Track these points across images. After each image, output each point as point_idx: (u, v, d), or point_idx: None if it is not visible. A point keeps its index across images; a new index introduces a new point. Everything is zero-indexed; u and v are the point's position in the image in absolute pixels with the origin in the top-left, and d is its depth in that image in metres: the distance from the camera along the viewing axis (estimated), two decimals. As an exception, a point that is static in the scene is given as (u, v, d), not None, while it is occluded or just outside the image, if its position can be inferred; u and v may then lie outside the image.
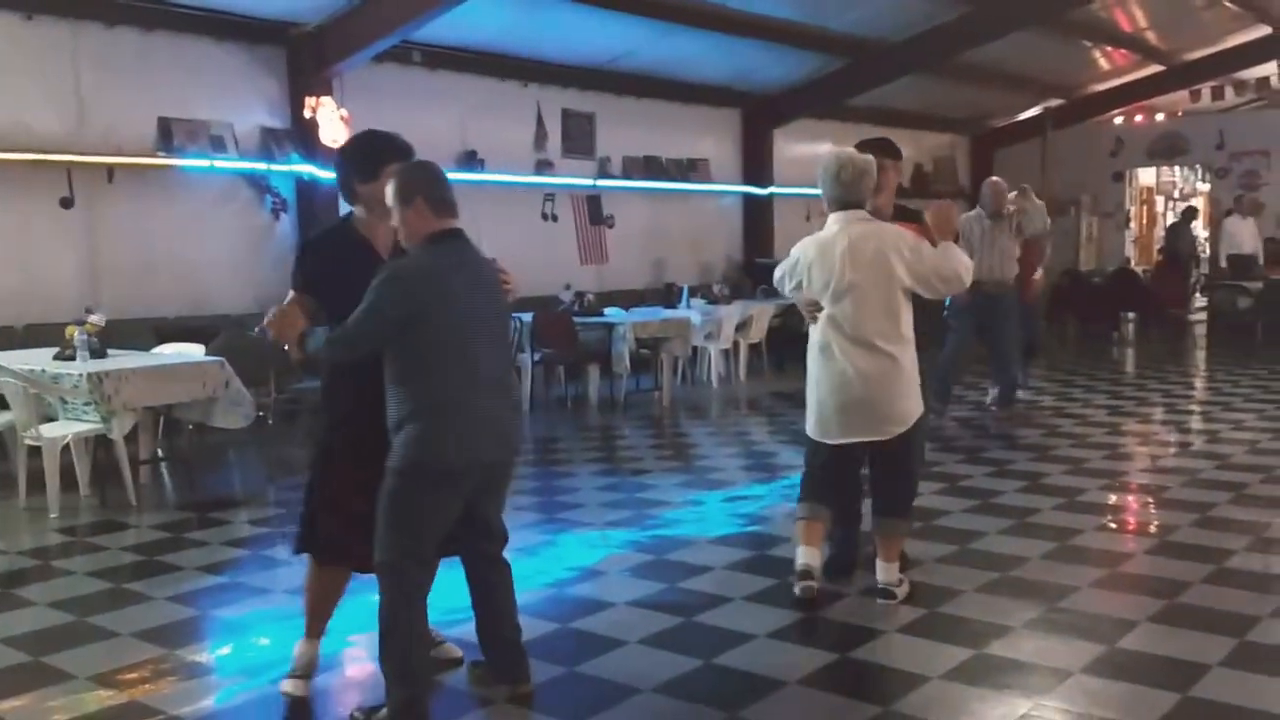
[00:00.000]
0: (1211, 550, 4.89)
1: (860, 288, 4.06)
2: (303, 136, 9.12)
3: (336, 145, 8.86)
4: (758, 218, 13.88)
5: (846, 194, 4.11)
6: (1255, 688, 3.46)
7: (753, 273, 13.49)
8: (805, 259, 4.18)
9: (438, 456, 3.16)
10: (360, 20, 8.89)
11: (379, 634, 3.24)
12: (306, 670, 3.53)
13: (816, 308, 4.15)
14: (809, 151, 14.67)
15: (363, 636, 3.86)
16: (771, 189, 13.83)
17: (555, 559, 5.05)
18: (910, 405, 4.14)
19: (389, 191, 3.25)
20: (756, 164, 13.81)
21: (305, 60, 9.11)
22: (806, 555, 4.28)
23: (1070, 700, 3.38)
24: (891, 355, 4.08)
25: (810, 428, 4.27)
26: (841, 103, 13.94)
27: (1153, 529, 5.50)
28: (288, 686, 3.49)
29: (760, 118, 13.73)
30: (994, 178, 8.76)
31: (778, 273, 4.38)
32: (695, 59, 11.94)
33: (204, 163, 8.60)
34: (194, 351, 6.97)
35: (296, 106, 9.10)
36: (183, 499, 6.47)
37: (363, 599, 3.66)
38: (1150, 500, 6.10)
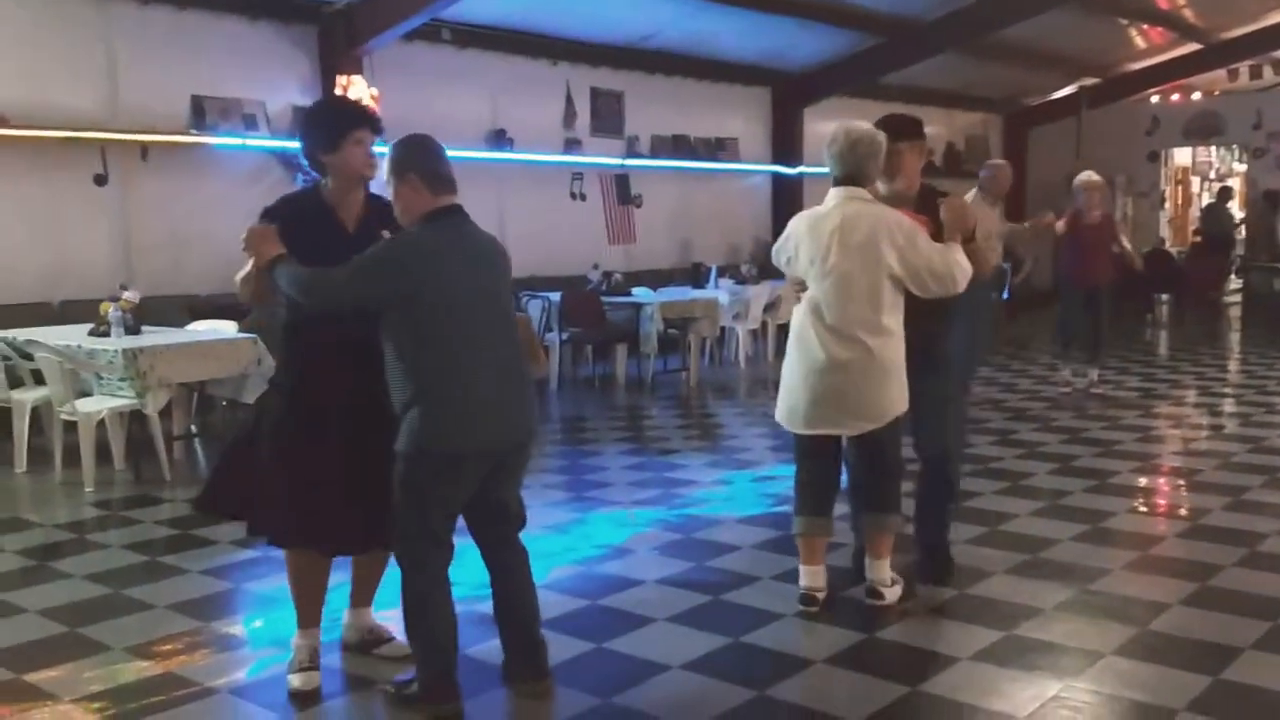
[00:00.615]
0: (1244, 534, 4.85)
1: (846, 272, 3.75)
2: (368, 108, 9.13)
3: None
4: (786, 198, 13.78)
5: (845, 169, 3.82)
6: (1286, 671, 3.43)
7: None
8: (796, 235, 3.92)
9: (441, 441, 3.08)
10: (390, -1, 8.90)
11: (403, 613, 3.24)
12: (311, 660, 3.44)
13: (801, 287, 3.92)
14: (839, 131, 14.57)
15: (395, 611, 3.88)
16: (801, 169, 13.74)
17: (583, 537, 5.07)
18: (885, 402, 3.84)
19: (384, 166, 3.20)
20: (786, 143, 13.72)
21: (336, 38, 9.12)
22: (808, 576, 4.01)
23: (1101, 682, 3.36)
24: (870, 347, 3.76)
25: (779, 414, 3.99)
26: (873, 81, 13.80)
27: (1185, 512, 5.45)
28: (296, 682, 3.38)
29: (790, 96, 13.64)
30: (999, 161, 8.54)
31: (775, 248, 4.14)
32: (725, 37, 11.86)
33: (236, 140, 8.65)
34: (227, 329, 7.04)
35: (328, 85, 9.11)
36: (216, 474, 6.53)
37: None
38: (1183, 483, 6.04)
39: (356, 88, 8.94)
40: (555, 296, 9.46)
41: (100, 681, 3.51)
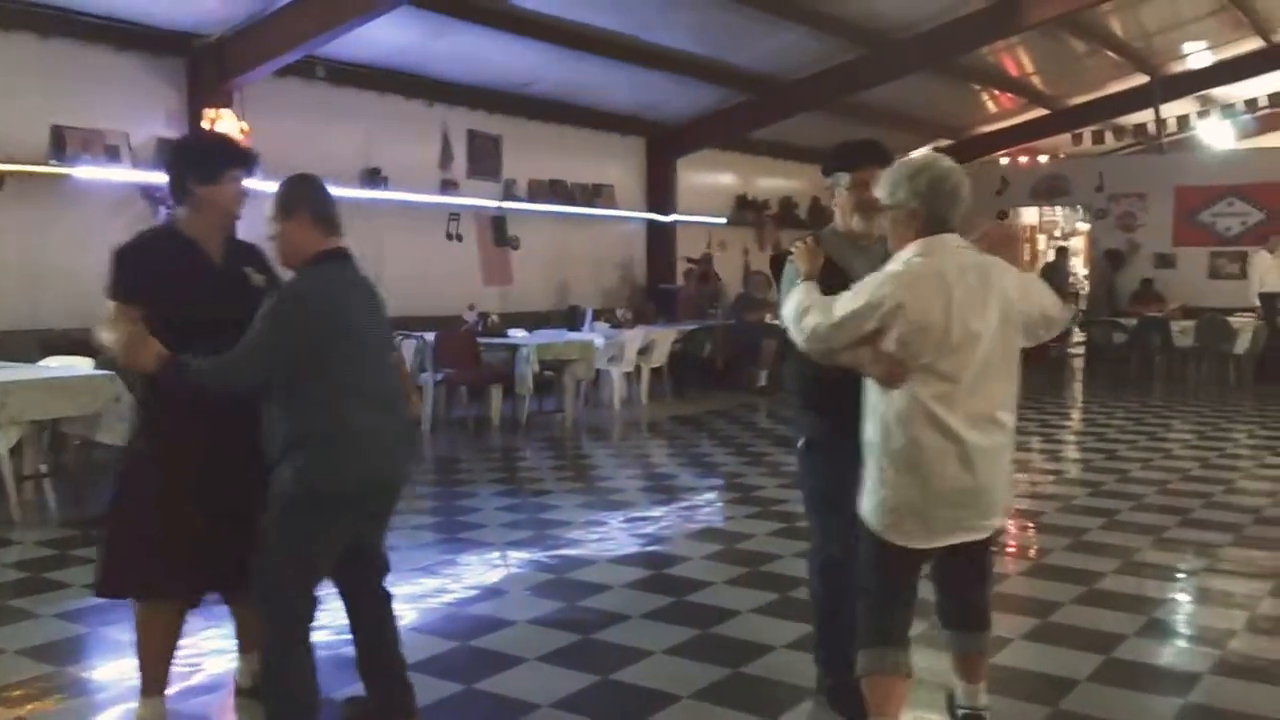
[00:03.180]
0: (1083, 572, 5.18)
1: (982, 340, 2.98)
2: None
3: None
4: (661, 244, 14.11)
5: (948, 210, 3.03)
6: (1120, 701, 3.69)
7: (655, 298, 13.72)
8: (898, 299, 2.94)
9: (331, 481, 3.03)
10: (263, 33, 8.82)
11: (263, 669, 3.13)
12: None
13: (904, 368, 2.97)
14: (711, 181, 15.01)
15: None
16: (674, 216, 14.08)
17: (455, 578, 5.08)
18: (1012, 491, 3.27)
19: (267, 204, 3.12)
20: (660, 192, 14.05)
21: (206, 72, 8.97)
22: None
23: (945, 713, 3.55)
24: (1008, 427, 3.10)
25: (895, 529, 3.04)
26: (743, 135, 14.29)
27: (1029, 552, 5.78)
28: None
29: (664, 147, 14.00)
30: None
31: (817, 318, 3.06)
32: (603, 87, 12.13)
33: (97, 172, 8.39)
34: (82, 365, 6.80)
35: (195, 118, 8.95)
36: (68, 515, 6.28)
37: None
38: (1028, 525, 6.41)
39: (225, 122, 8.81)
40: (430, 336, 9.44)
41: (-58, 732, 3.36)
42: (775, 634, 4.28)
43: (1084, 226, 19.56)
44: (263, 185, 3.39)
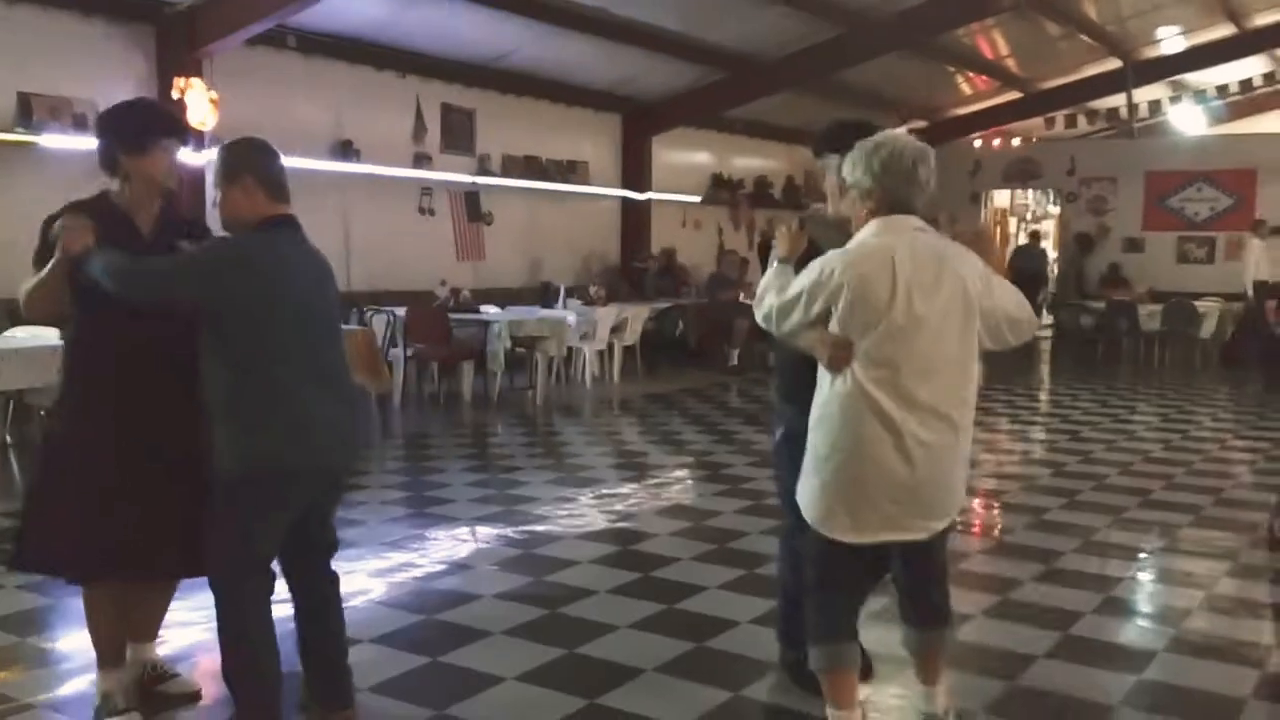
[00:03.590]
0: (1043, 551, 5.26)
1: (929, 326, 2.83)
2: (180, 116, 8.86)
3: (205, 127, 8.71)
4: (635, 222, 14.10)
5: (904, 190, 2.89)
6: (1076, 676, 3.75)
7: (629, 275, 13.72)
8: (843, 278, 2.83)
9: (270, 458, 2.92)
10: (234, 2, 8.72)
11: (221, 647, 3.05)
12: (128, 701, 3.24)
13: (848, 350, 2.85)
14: (686, 159, 14.99)
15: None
16: (649, 194, 14.06)
17: (423, 553, 5.09)
18: (961, 491, 3.05)
19: (215, 168, 3.03)
20: (635, 169, 14.02)
21: (175, 40, 8.87)
22: None
23: (906, 686, 3.61)
24: (958, 426, 2.92)
25: (827, 522, 2.95)
26: (719, 114, 14.27)
27: (992, 531, 5.86)
28: None
29: (640, 124, 13.96)
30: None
31: (772, 299, 3.01)
32: (578, 62, 12.07)
33: (64, 140, 8.28)
34: (48, 335, 6.71)
35: (165, 87, 8.83)
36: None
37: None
38: (992, 504, 6.49)
39: (195, 91, 8.71)
40: (401, 311, 9.40)
41: (-98, 702, 3.34)
42: (740, 609, 4.32)
43: (1055, 210, 19.71)
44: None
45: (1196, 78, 16.75)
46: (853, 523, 2.92)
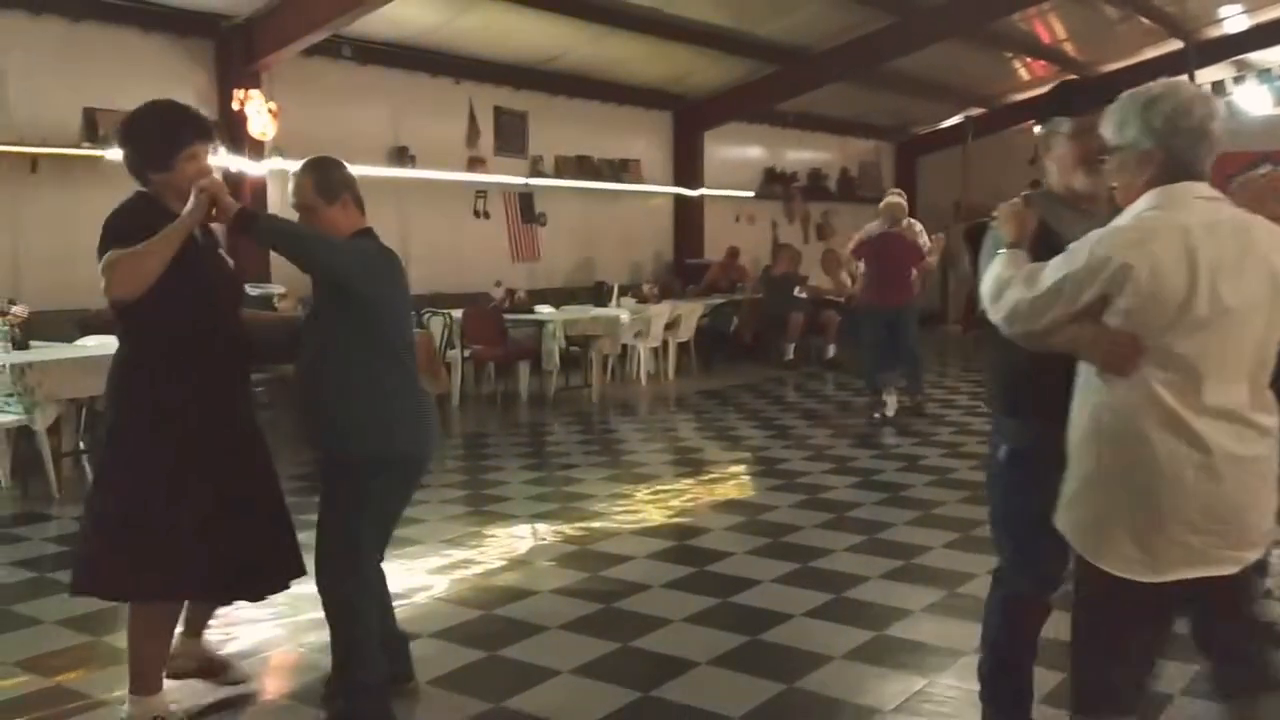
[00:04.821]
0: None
1: (1236, 317, 2.30)
2: (231, 129, 9.08)
3: (265, 137, 8.92)
4: (688, 219, 14.11)
5: (1195, 150, 2.35)
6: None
7: (683, 272, 13.74)
8: (1127, 261, 2.28)
9: (409, 440, 3.16)
10: (290, 13, 8.90)
11: (337, 657, 3.18)
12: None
13: (1135, 349, 2.31)
14: (739, 154, 14.97)
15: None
16: (702, 190, 14.07)
17: (481, 549, 5.17)
18: (1274, 515, 2.46)
19: (304, 189, 3.12)
20: (687, 165, 14.03)
21: (234, 52, 9.08)
22: None
23: (961, 678, 3.59)
24: (1270, 431, 2.39)
25: (1109, 555, 2.37)
26: (770, 107, 14.22)
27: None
28: None
29: (691, 120, 13.96)
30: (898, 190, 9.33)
31: (1020, 292, 2.43)
32: (628, 61, 12.11)
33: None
34: (107, 343, 6.93)
35: (225, 99, 9.06)
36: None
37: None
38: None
39: (254, 102, 8.92)
40: (457, 313, 9.53)
41: (-13, 697, 3.49)
42: (794, 603, 4.34)
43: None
44: (290, 166, 3.40)
45: (1261, 56, 16.28)
46: (1144, 556, 2.32)
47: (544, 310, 10.19)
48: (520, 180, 11.93)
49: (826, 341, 12.36)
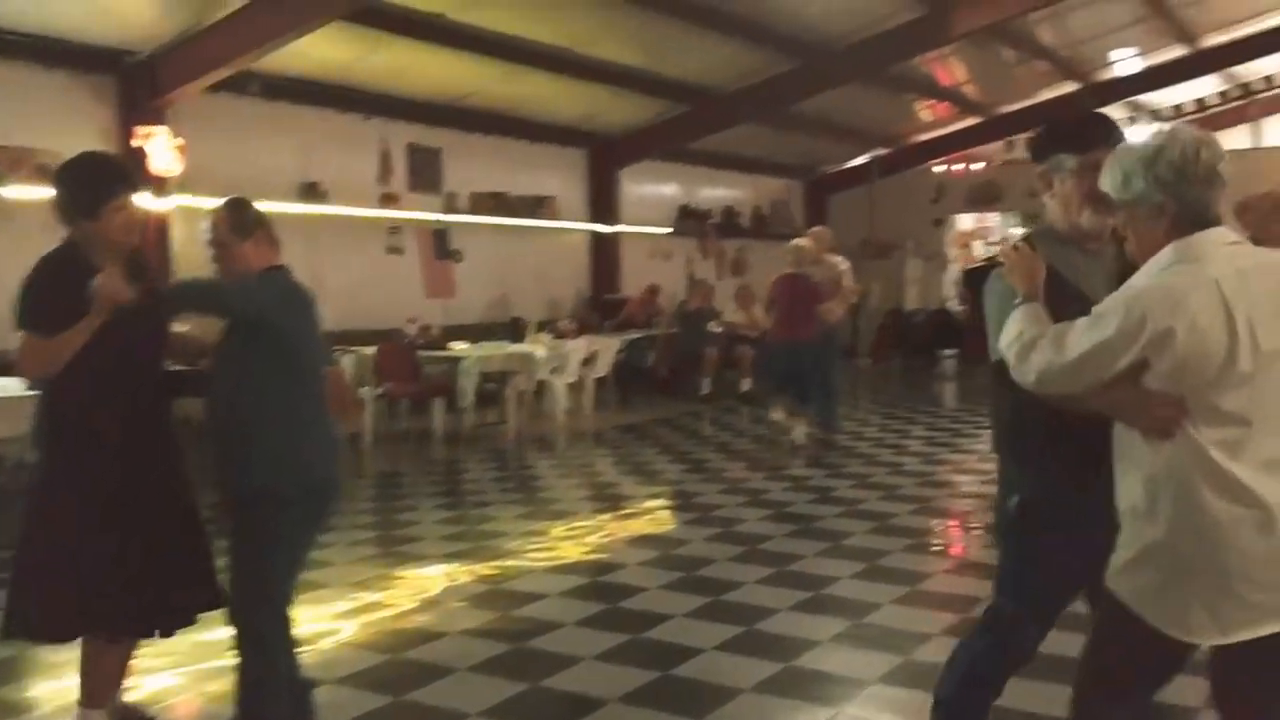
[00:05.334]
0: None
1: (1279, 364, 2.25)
2: (134, 166, 8.90)
3: (169, 174, 8.76)
4: (604, 255, 14.20)
5: (1207, 196, 2.28)
6: (1032, 693, 3.79)
7: (601, 308, 13.81)
8: (1168, 325, 2.20)
9: (318, 467, 3.18)
10: (195, 50, 8.77)
11: (237, 698, 3.14)
12: None
13: (1179, 411, 2.23)
14: (654, 192, 15.14)
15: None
16: (618, 227, 14.18)
17: (390, 591, 5.11)
18: None
19: (219, 226, 3.19)
20: (603, 202, 14.14)
21: (138, 89, 8.91)
22: None
23: (865, 708, 3.67)
24: None
25: (1183, 623, 2.29)
26: (684, 146, 14.43)
27: (954, 550, 5.94)
28: None
29: (606, 158, 14.09)
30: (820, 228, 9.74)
31: (1048, 355, 2.35)
32: (541, 99, 12.19)
33: (28, 192, 8.29)
34: (12, 385, 6.71)
35: (127, 136, 8.88)
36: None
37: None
38: (955, 523, 6.58)
39: (158, 139, 8.76)
40: (370, 350, 9.43)
41: None
42: (705, 637, 4.37)
43: (1017, 232, 19.94)
44: (196, 202, 3.42)
45: (1152, 98, 17.08)
46: (1213, 621, 2.27)
47: (459, 347, 10.14)
48: (434, 216, 11.89)
49: (741, 376, 12.52)
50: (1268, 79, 17.01)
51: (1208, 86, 16.66)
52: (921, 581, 5.20)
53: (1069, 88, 15.92)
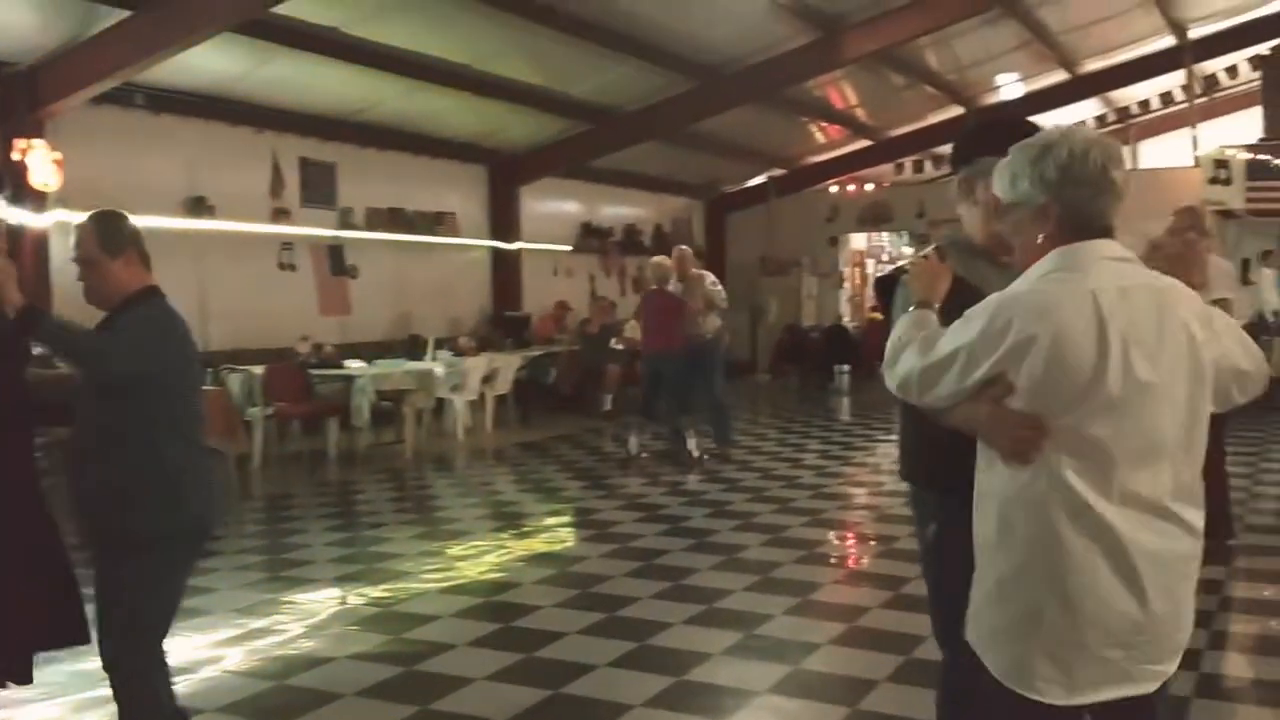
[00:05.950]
0: (892, 578, 5.46)
1: (1154, 395, 2.02)
2: (12, 180, 8.57)
3: (48, 189, 8.46)
4: (506, 271, 14.14)
5: (1096, 204, 2.08)
6: (913, 698, 3.91)
7: (502, 324, 13.74)
8: (1030, 332, 2.00)
9: (199, 511, 3.03)
10: (78, 61, 8.50)
11: None
12: None
13: (1039, 433, 2.01)
14: (556, 209, 15.15)
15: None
16: (519, 244, 14.15)
17: (277, 617, 4.99)
18: (1191, 621, 2.13)
19: (87, 242, 2.98)
20: (503, 219, 14.09)
21: (16, 100, 8.58)
22: None
23: (754, 718, 3.72)
24: (1192, 526, 2.08)
25: (1022, 677, 2.04)
26: (585, 164, 14.49)
27: (845, 561, 6.06)
28: None
29: (506, 174, 14.06)
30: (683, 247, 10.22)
31: (912, 360, 2.18)
32: (440, 115, 12.11)
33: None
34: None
35: (5, 149, 8.54)
36: None
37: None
38: (846, 535, 6.72)
39: (37, 152, 8.45)
40: (259, 369, 9.22)
41: None
42: (598, 653, 4.38)
43: (908, 251, 20.50)
44: (77, 218, 3.22)
45: (1035, 121, 17.75)
46: (1060, 675, 2.02)
47: (353, 365, 9.98)
48: (329, 232, 11.69)
49: (603, 392, 12.54)
50: (1143, 103, 17.84)
51: (1087, 110, 17.38)
52: (812, 592, 5.29)
53: (955, 111, 16.46)
